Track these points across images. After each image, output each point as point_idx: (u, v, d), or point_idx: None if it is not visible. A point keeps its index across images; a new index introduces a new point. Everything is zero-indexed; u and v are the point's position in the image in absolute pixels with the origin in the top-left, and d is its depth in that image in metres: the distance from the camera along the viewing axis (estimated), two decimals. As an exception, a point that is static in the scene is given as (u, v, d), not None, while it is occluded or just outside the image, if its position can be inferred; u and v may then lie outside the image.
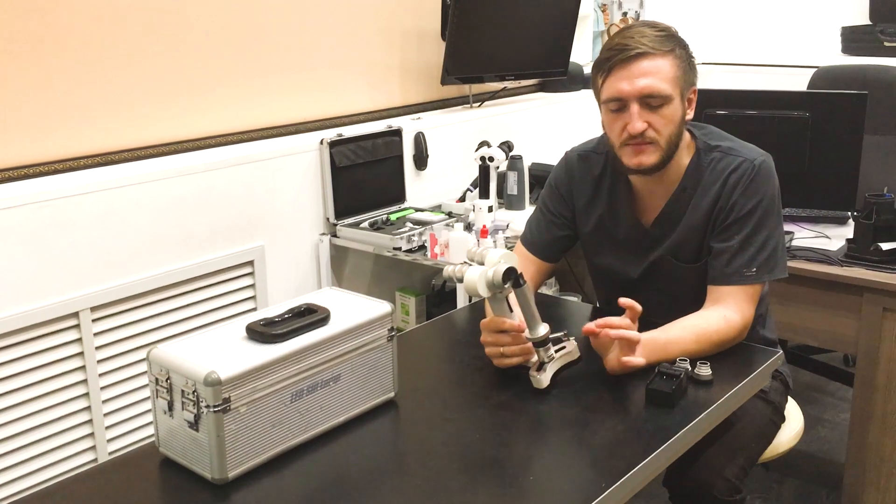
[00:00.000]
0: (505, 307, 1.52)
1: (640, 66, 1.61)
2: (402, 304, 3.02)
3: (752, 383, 1.58)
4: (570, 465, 1.34)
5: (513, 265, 1.45)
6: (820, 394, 3.17)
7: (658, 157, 1.65)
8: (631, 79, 1.61)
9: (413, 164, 3.04)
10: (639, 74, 1.61)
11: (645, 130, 1.62)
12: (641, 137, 1.63)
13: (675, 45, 1.65)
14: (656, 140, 1.64)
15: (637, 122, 1.62)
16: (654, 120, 1.63)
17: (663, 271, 1.79)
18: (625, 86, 1.62)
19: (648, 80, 1.61)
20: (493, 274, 1.43)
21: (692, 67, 1.69)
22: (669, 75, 1.62)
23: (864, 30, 3.85)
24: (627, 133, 1.64)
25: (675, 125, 1.65)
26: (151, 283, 2.34)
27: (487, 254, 1.47)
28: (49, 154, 2.23)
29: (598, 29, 4.12)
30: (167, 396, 1.28)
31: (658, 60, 1.62)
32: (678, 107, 1.65)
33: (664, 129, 1.64)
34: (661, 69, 1.62)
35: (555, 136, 3.50)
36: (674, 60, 1.63)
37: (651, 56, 1.61)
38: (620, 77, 1.63)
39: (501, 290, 1.46)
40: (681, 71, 1.64)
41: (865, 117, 2.34)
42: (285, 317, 1.38)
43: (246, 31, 2.62)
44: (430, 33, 3.19)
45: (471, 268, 1.45)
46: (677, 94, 1.64)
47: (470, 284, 1.43)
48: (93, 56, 2.27)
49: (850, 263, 2.16)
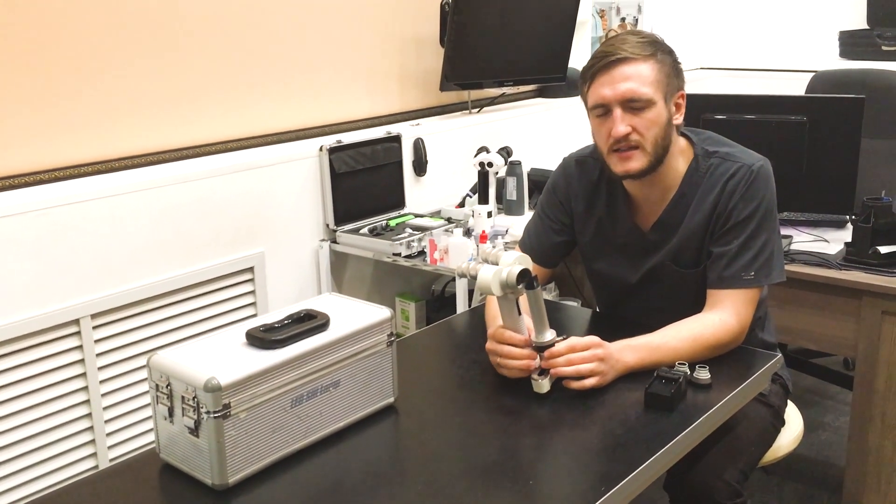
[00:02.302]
0: (514, 309, 1.54)
1: (621, 71, 1.63)
2: (402, 310, 3.03)
3: (751, 387, 1.58)
4: (569, 468, 1.35)
5: (527, 267, 1.47)
6: (820, 397, 3.17)
7: (645, 162, 1.66)
8: (612, 84, 1.63)
9: (412, 169, 3.05)
10: (620, 79, 1.63)
11: (629, 134, 1.63)
12: (626, 142, 1.64)
13: (657, 51, 1.66)
14: (641, 144, 1.64)
15: (619, 126, 1.63)
16: (638, 123, 1.64)
17: (662, 276, 1.79)
18: (606, 91, 1.64)
19: (629, 84, 1.62)
20: (507, 274, 1.46)
21: (678, 72, 1.70)
22: (650, 79, 1.63)
23: (862, 34, 3.86)
24: (612, 138, 1.65)
25: (660, 128, 1.65)
26: (152, 290, 2.34)
27: (502, 255, 1.49)
28: (50, 162, 2.23)
29: (596, 35, 4.13)
30: (167, 402, 1.28)
31: (639, 65, 1.63)
32: (662, 110, 1.65)
33: (648, 133, 1.64)
34: (642, 73, 1.63)
35: (553, 141, 3.51)
36: (654, 64, 1.64)
37: (631, 61, 1.63)
38: (602, 83, 1.64)
39: (514, 290, 1.48)
40: (663, 75, 1.65)
41: (863, 121, 2.35)
42: (285, 323, 1.38)
43: (246, 39, 2.63)
44: (429, 40, 3.20)
45: (485, 266, 1.47)
46: (660, 97, 1.64)
47: (483, 283, 1.46)
48: (93, 64, 2.28)
49: (848, 267, 2.16)
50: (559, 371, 1.51)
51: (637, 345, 1.58)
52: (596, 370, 1.51)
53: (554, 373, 1.51)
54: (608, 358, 1.52)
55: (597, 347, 1.52)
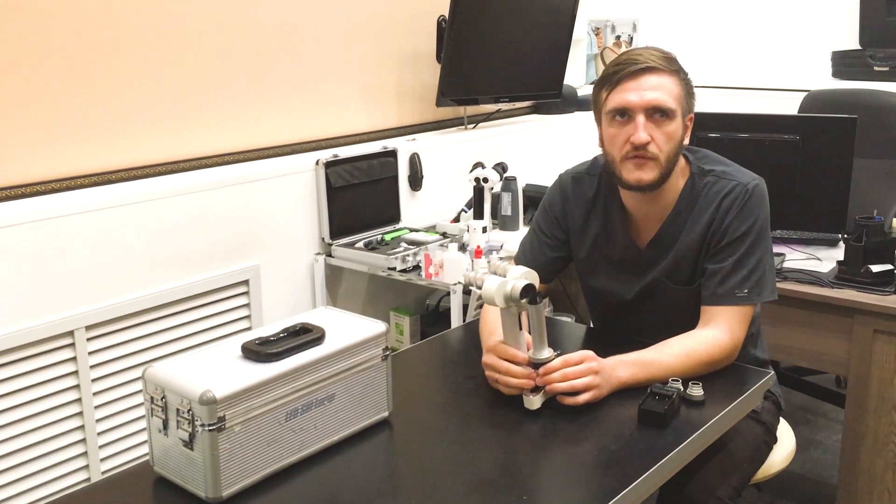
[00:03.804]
0: (516, 323, 1.55)
1: (649, 80, 1.65)
2: (397, 324, 3.03)
3: (743, 404, 1.59)
4: (563, 484, 1.35)
5: (533, 283, 1.49)
6: (813, 415, 3.18)
7: (657, 174, 1.67)
8: (639, 90, 1.65)
9: (408, 184, 3.06)
10: (648, 87, 1.64)
11: (648, 143, 1.65)
12: (644, 150, 1.65)
13: (680, 68, 1.70)
14: (657, 156, 1.66)
15: (642, 133, 1.64)
16: (657, 135, 1.65)
17: (658, 293, 1.80)
18: (633, 97, 1.65)
19: (657, 94, 1.64)
20: (511, 288, 1.47)
21: (691, 94, 1.73)
22: (675, 93, 1.66)
23: (855, 54, 3.89)
24: (631, 144, 1.65)
25: (675, 144, 1.68)
26: (147, 303, 2.34)
27: (510, 268, 1.51)
28: (44, 174, 2.23)
29: (591, 52, 4.16)
30: (162, 415, 1.28)
31: (665, 77, 1.66)
32: (679, 126, 1.68)
33: (665, 146, 1.66)
34: (668, 86, 1.65)
35: (549, 157, 3.53)
36: (679, 81, 1.68)
37: (660, 72, 1.65)
38: (629, 88, 1.65)
39: (517, 304, 1.49)
40: (684, 93, 1.69)
41: (855, 141, 2.37)
42: (280, 336, 1.38)
43: (242, 53, 2.65)
44: (425, 55, 3.22)
45: (491, 277, 1.49)
46: (680, 113, 1.67)
47: (488, 293, 1.48)
48: (89, 77, 2.29)
49: (840, 285, 2.18)
50: (555, 387, 1.51)
51: (630, 360, 1.59)
52: (591, 384, 1.51)
53: (549, 389, 1.51)
54: (602, 371, 1.53)
55: (591, 361, 1.53)
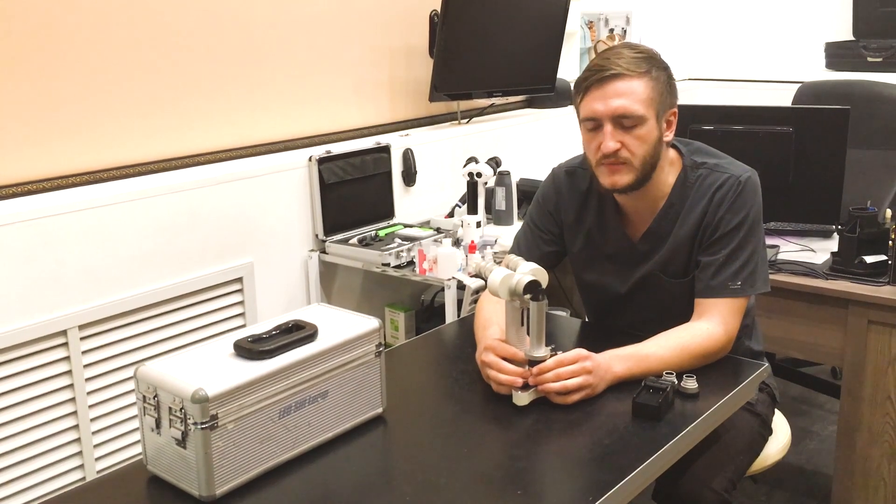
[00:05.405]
0: (519, 318, 1.55)
1: (615, 87, 1.63)
2: (392, 320, 3.03)
3: (738, 396, 1.59)
4: (557, 478, 1.35)
5: (539, 280, 1.50)
6: (808, 406, 3.18)
7: (632, 178, 1.67)
8: (605, 99, 1.64)
9: (401, 180, 3.05)
10: (612, 95, 1.63)
11: (618, 150, 1.64)
12: (615, 157, 1.65)
13: (652, 67, 1.66)
14: (629, 160, 1.65)
15: (609, 142, 1.64)
16: (628, 140, 1.64)
17: (651, 287, 1.80)
18: (599, 106, 1.64)
19: (622, 101, 1.63)
20: (516, 282, 1.49)
21: (671, 89, 1.70)
22: (643, 96, 1.64)
23: (848, 45, 3.89)
24: (601, 153, 1.65)
25: (650, 146, 1.66)
26: (140, 301, 2.33)
27: (520, 263, 1.52)
28: (37, 172, 2.22)
29: (584, 45, 4.15)
30: (155, 414, 1.28)
31: (633, 82, 1.63)
32: (653, 128, 1.66)
33: (637, 150, 1.65)
34: (635, 90, 1.63)
35: (542, 152, 3.52)
36: (649, 82, 1.65)
37: (625, 77, 1.63)
38: (595, 97, 1.65)
39: (520, 298, 1.50)
40: (656, 93, 1.65)
41: (849, 132, 2.37)
42: (273, 333, 1.38)
43: (235, 49, 2.64)
44: (418, 50, 3.21)
45: (498, 269, 1.50)
46: (652, 115, 1.65)
47: (493, 284, 1.50)
48: (81, 75, 2.28)
49: (835, 276, 2.18)
50: (547, 388, 1.50)
51: (624, 354, 1.59)
52: (584, 384, 1.51)
53: (542, 389, 1.51)
54: (596, 369, 1.52)
55: (584, 360, 1.52)
